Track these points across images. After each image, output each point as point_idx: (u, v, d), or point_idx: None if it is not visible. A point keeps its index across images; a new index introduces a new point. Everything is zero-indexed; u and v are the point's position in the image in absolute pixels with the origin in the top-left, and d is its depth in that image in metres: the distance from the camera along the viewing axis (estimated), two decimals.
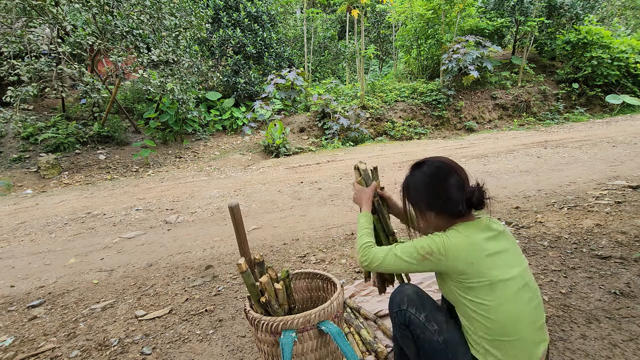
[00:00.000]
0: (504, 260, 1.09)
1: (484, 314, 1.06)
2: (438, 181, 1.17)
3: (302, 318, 1.23)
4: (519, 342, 1.06)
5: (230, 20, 10.04)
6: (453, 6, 10.13)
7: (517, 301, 1.07)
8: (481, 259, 1.07)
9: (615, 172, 4.50)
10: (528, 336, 1.07)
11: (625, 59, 10.64)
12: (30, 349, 1.97)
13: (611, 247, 2.52)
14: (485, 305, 1.06)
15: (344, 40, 14.71)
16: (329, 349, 1.33)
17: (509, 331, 1.05)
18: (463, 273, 1.08)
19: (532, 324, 1.08)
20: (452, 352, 1.12)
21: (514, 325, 1.05)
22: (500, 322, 1.05)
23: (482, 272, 1.06)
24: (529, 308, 1.08)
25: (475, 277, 1.07)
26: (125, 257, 3.22)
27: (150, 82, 7.25)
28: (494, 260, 1.08)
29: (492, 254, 1.09)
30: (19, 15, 6.76)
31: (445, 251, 1.09)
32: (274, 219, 3.89)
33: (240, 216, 1.43)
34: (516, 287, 1.07)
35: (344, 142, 8.86)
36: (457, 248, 1.09)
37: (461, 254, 1.08)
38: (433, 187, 1.18)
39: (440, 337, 1.14)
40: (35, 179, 6.90)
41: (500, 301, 1.05)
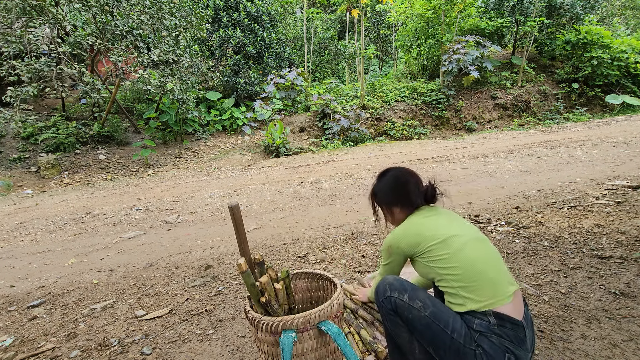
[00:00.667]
0: (446, 225, 1.33)
1: (448, 265, 1.23)
2: (400, 183, 1.46)
3: (302, 318, 1.23)
4: (488, 281, 1.20)
5: (230, 20, 10.04)
6: (453, 6, 10.13)
7: (472, 247, 1.26)
8: (424, 229, 1.32)
9: (615, 172, 4.50)
10: (495, 276, 1.21)
11: (625, 59, 10.64)
12: (30, 349, 1.97)
13: (611, 247, 2.52)
14: (445, 259, 1.24)
15: (344, 40, 14.71)
16: (329, 349, 1.33)
17: (475, 272, 1.21)
18: (418, 245, 1.30)
19: (494, 265, 1.24)
20: (442, 321, 1.21)
21: (476, 265, 1.22)
22: (464, 266, 1.22)
23: (429, 236, 1.29)
24: (485, 252, 1.27)
25: (428, 242, 1.28)
26: (125, 257, 3.21)
27: (150, 82, 7.25)
28: (437, 227, 1.32)
29: (433, 224, 1.33)
30: (19, 15, 6.76)
31: (396, 239, 1.36)
32: (274, 219, 3.89)
33: (240, 216, 1.43)
34: (466, 238, 1.28)
35: (344, 142, 8.86)
36: (402, 233, 1.36)
37: (407, 234, 1.35)
38: (396, 188, 1.46)
39: (427, 311, 1.23)
40: (35, 179, 6.90)
41: (455, 249, 1.25)
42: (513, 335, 1.16)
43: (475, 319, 1.19)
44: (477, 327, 1.18)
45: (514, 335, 1.16)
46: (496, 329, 1.17)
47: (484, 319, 1.18)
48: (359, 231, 3.31)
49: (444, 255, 1.25)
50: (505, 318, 1.17)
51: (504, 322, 1.17)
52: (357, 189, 4.76)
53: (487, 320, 1.17)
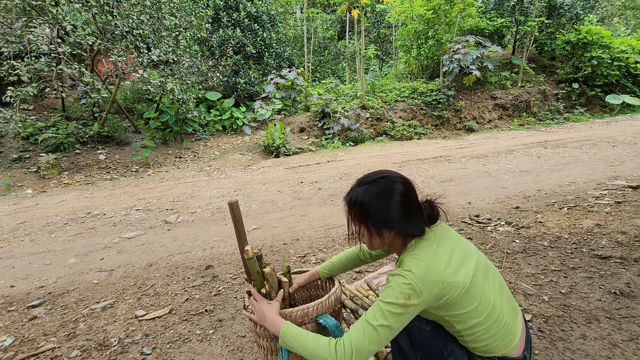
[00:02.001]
0: (460, 259, 1.08)
1: (471, 321, 1.07)
2: (406, 201, 1.10)
3: (301, 311, 1.24)
4: (505, 332, 1.10)
5: (230, 20, 10.04)
6: (453, 6, 10.13)
7: (488, 292, 1.09)
8: (446, 273, 1.03)
9: (615, 172, 4.50)
10: (508, 319, 1.11)
11: (625, 59, 10.64)
12: (30, 349, 1.97)
13: (611, 247, 2.52)
14: (469, 313, 1.06)
15: (344, 40, 14.71)
16: None
17: (494, 323, 1.08)
18: (442, 296, 1.03)
19: (506, 302, 1.13)
20: (441, 340, 1.14)
21: (493, 313, 1.08)
22: (485, 321, 1.07)
23: (453, 284, 1.03)
24: (497, 289, 1.13)
25: (452, 292, 1.03)
26: (125, 257, 3.22)
27: (150, 82, 7.25)
28: (454, 265, 1.06)
29: (449, 261, 1.06)
30: (19, 15, 6.76)
31: (417, 286, 1.00)
32: (274, 219, 3.89)
33: (239, 213, 1.42)
34: (481, 278, 1.09)
35: (344, 142, 8.86)
36: (424, 275, 1.02)
37: (430, 278, 1.01)
38: (402, 206, 1.09)
39: (428, 326, 1.16)
40: (35, 179, 6.90)
41: (476, 302, 1.06)
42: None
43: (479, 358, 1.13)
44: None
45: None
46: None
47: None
48: None
49: (468, 310, 1.06)
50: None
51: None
52: None
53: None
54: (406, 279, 1.01)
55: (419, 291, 1.00)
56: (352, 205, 1.15)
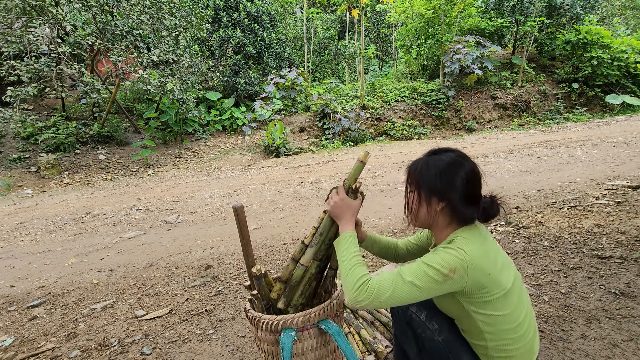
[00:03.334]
0: (502, 264, 1.05)
1: (498, 327, 1.03)
2: (472, 182, 1.07)
3: (302, 317, 1.23)
4: (526, 350, 1.06)
5: (230, 20, 10.04)
6: (453, 6, 10.13)
7: (521, 303, 1.06)
8: (494, 268, 1.00)
9: (615, 172, 4.50)
10: (531, 337, 1.08)
11: (625, 59, 10.64)
12: (30, 349, 1.97)
13: (611, 247, 2.52)
14: (498, 318, 1.02)
15: (344, 40, 14.71)
16: (329, 349, 1.33)
17: (519, 335, 1.04)
18: (483, 287, 0.98)
19: (531, 318, 1.10)
20: (453, 352, 1.11)
21: (522, 326, 1.04)
22: (511, 333, 1.03)
23: (497, 281, 1.00)
24: (527, 303, 1.10)
25: (493, 289, 0.99)
26: (125, 257, 3.21)
27: (150, 82, 7.25)
28: (499, 266, 1.03)
29: (495, 259, 1.03)
30: (19, 15, 6.76)
31: (467, 264, 0.96)
32: (274, 219, 3.89)
33: (244, 217, 1.40)
34: (518, 289, 1.07)
35: (344, 142, 8.86)
36: (476, 259, 0.97)
37: (481, 265, 0.98)
38: (467, 186, 1.05)
39: (440, 336, 1.13)
40: (35, 179, 6.90)
41: (511, 309, 1.03)
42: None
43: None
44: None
45: None
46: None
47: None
48: None
49: (499, 313, 1.02)
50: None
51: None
52: None
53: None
54: (459, 254, 0.98)
55: (466, 269, 0.96)
56: (413, 169, 1.12)
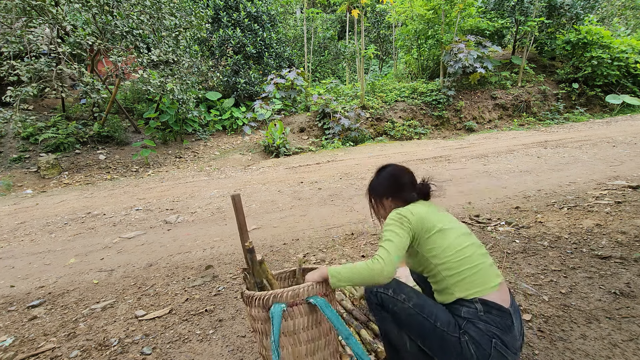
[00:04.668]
0: (446, 217, 1.37)
1: (444, 255, 1.27)
2: (394, 176, 1.50)
3: (292, 291, 1.28)
4: (478, 271, 1.24)
5: (230, 20, 10.04)
6: (453, 6, 10.13)
7: (465, 240, 1.30)
8: (431, 214, 1.34)
9: (615, 172, 4.50)
10: (484, 267, 1.26)
11: (625, 59, 10.64)
12: (30, 349, 1.97)
13: (611, 247, 2.52)
14: (442, 249, 1.28)
15: (344, 40, 14.71)
16: (321, 330, 1.35)
17: (467, 263, 1.25)
18: (422, 227, 1.30)
19: (482, 258, 1.28)
20: (426, 311, 1.26)
21: (468, 258, 1.26)
22: (457, 257, 1.26)
23: (433, 222, 1.31)
24: (475, 245, 1.31)
25: (429, 228, 1.30)
26: (125, 257, 3.21)
27: (150, 82, 7.25)
28: (439, 216, 1.35)
29: (435, 212, 1.37)
30: (19, 15, 6.76)
31: (406, 211, 1.33)
32: (274, 219, 3.89)
33: (241, 205, 1.49)
34: (460, 232, 1.33)
35: (344, 142, 8.86)
36: (412, 211, 1.34)
37: (417, 212, 1.33)
38: (390, 180, 1.49)
39: (410, 302, 1.28)
40: (35, 179, 6.90)
41: (451, 240, 1.29)
42: (500, 321, 1.19)
43: (463, 307, 1.23)
44: (464, 314, 1.22)
45: (501, 322, 1.19)
46: (483, 315, 1.20)
47: (470, 307, 1.22)
48: (359, 231, 3.31)
49: (441, 245, 1.28)
50: (492, 305, 1.20)
51: (490, 309, 1.20)
52: (357, 189, 4.76)
53: (474, 307, 1.21)
54: (399, 209, 1.36)
55: (406, 215, 1.32)
56: (369, 189, 1.56)
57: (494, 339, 1.18)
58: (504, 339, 1.18)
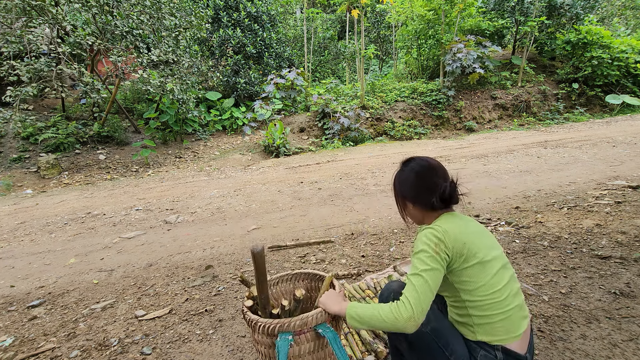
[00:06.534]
0: (485, 241, 1.19)
1: (479, 294, 1.13)
2: (418, 175, 1.26)
3: (299, 321, 1.22)
4: (508, 319, 1.14)
5: (230, 20, 10.04)
6: (453, 6, 10.13)
7: (502, 278, 1.16)
8: (470, 238, 1.15)
9: (615, 172, 4.50)
10: (515, 312, 1.16)
11: (625, 59, 10.64)
12: (30, 349, 1.97)
13: (611, 247, 2.52)
14: (479, 286, 1.13)
15: (344, 40, 14.71)
16: (326, 352, 1.33)
17: (500, 307, 1.13)
18: (461, 255, 1.13)
19: (517, 299, 1.17)
20: (442, 339, 1.16)
21: (503, 301, 1.14)
22: (492, 299, 1.13)
23: (473, 251, 1.14)
24: (511, 284, 1.18)
25: (470, 258, 1.13)
26: (125, 257, 3.21)
27: (150, 82, 7.25)
28: (478, 240, 1.16)
29: (474, 234, 1.17)
30: (19, 15, 6.76)
31: (443, 234, 1.13)
32: (274, 219, 3.89)
33: (263, 260, 1.32)
34: (499, 265, 1.17)
35: (344, 142, 8.86)
36: (450, 230, 1.14)
37: (455, 234, 1.14)
38: (417, 181, 1.26)
39: (428, 327, 1.17)
40: (35, 179, 6.90)
41: (490, 277, 1.14)
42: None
43: (482, 349, 1.16)
44: (480, 359, 1.15)
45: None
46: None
47: (490, 352, 1.15)
48: (358, 231, 3.31)
49: (477, 282, 1.13)
50: (512, 354, 1.15)
51: (509, 358, 1.15)
52: (357, 189, 4.76)
53: (494, 354, 1.15)
54: (434, 230, 1.15)
55: (444, 239, 1.12)
56: (393, 183, 1.35)
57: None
58: None
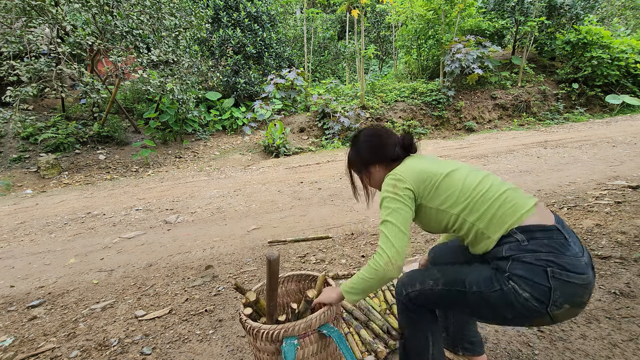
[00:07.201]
0: (446, 162, 1.23)
1: (460, 200, 1.12)
2: (372, 138, 1.33)
3: (304, 324, 1.22)
4: (504, 202, 1.09)
5: (230, 20, 10.03)
6: (453, 6, 10.13)
7: (475, 176, 1.16)
8: (429, 164, 1.21)
9: (615, 172, 4.50)
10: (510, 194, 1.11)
11: (625, 59, 10.63)
12: (30, 349, 1.97)
13: (611, 247, 2.52)
14: (455, 194, 1.13)
15: (344, 40, 14.71)
16: (329, 351, 1.33)
17: (488, 198, 1.10)
18: (424, 180, 1.16)
19: (503, 186, 1.14)
20: (458, 283, 1.12)
21: (486, 192, 1.11)
22: (474, 196, 1.11)
23: (434, 171, 1.17)
24: (489, 177, 1.17)
25: (433, 178, 1.16)
26: (125, 257, 3.21)
27: (150, 82, 7.25)
28: (438, 163, 1.22)
29: (428, 163, 1.22)
30: (19, 15, 6.76)
31: (399, 175, 1.18)
32: (273, 219, 3.89)
33: (277, 268, 1.32)
34: (467, 170, 1.19)
35: (344, 142, 8.86)
36: (405, 170, 1.19)
37: (411, 170, 1.19)
38: (370, 144, 1.32)
39: (438, 285, 1.16)
40: (35, 179, 6.90)
41: (461, 182, 1.14)
42: (549, 243, 0.99)
43: (503, 245, 1.05)
44: (507, 253, 1.03)
45: (551, 243, 0.99)
46: (527, 244, 1.01)
47: (511, 241, 1.03)
48: (358, 231, 3.31)
49: (453, 192, 1.13)
50: (534, 229, 1.02)
51: (533, 234, 1.01)
52: None
53: (515, 239, 1.03)
54: (390, 175, 1.21)
55: (402, 177, 1.17)
56: (348, 162, 1.41)
57: (550, 267, 0.97)
58: (562, 263, 0.97)
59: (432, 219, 1.20)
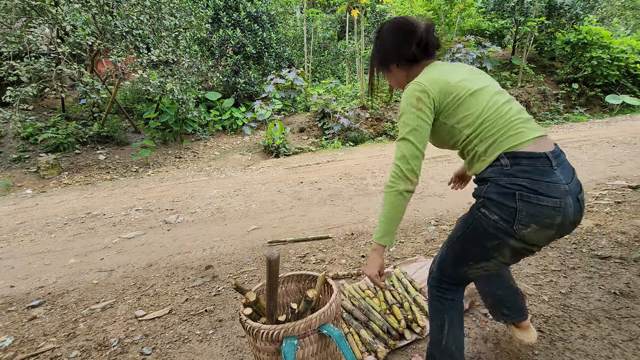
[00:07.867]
0: (474, 76, 1.15)
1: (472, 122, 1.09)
2: (396, 34, 1.22)
3: (304, 324, 1.22)
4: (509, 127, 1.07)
5: (230, 20, 10.04)
6: (453, 6, 10.13)
7: (497, 98, 1.12)
8: (455, 76, 1.12)
9: (615, 172, 4.50)
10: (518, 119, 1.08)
11: (625, 59, 10.63)
12: (30, 349, 1.97)
13: (611, 247, 2.52)
14: (472, 116, 1.09)
15: (344, 40, 14.71)
16: (328, 351, 1.33)
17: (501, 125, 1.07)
18: (450, 94, 1.10)
19: (518, 115, 1.10)
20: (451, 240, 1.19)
21: (502, 113, 1.08)
22: (486, 120, 1.07)
23: (458, 84, 1.10)
24: (510, 104, 1.12)
25: (458, 91, 1.09)
26: (125, 257, 3.21)
27: (150, 82, 7.25)
28: (465, 76, 1.14)
29: (459, 71, 1.15)
30: (19, 15, 6.76)
31: (423, 85, 1.10)
32: (273, 219, 3.89)
33: (277, 268, 1.32)
34: (493, 91, 1.13)
35: (344, 142, 8.86)
36: (432, 80, 1.11)
37: (438, 77, 1.11)
38: (390, 41, 1.22)
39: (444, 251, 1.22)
40: (34, 179, 6.90)
41: (481, 106, 1.09)
42: (530, 169, 1.00)
43: (488, 168, 1.07)
44: (488, 175, 1.06)
45: (532, 169, 0.99)
46: (509, 169, 1.02)
47: (497, 164, 1.04)
48: (359, 231, 3.31)
49: (471, 112, 1.09)
50: (521, 155, 1.01)
51: (518, 160, 1.01)
52: (357, 189, 4.76)
53: (499, 163, 1.04)
54: (415, 84, 1.12)
55: (427, 89, 1.09)
56: (371, 57, 1.33)
57: (519, 191, 0.98)
58: (535, 187, 0.97)
59: (443, 134, 1.18)
